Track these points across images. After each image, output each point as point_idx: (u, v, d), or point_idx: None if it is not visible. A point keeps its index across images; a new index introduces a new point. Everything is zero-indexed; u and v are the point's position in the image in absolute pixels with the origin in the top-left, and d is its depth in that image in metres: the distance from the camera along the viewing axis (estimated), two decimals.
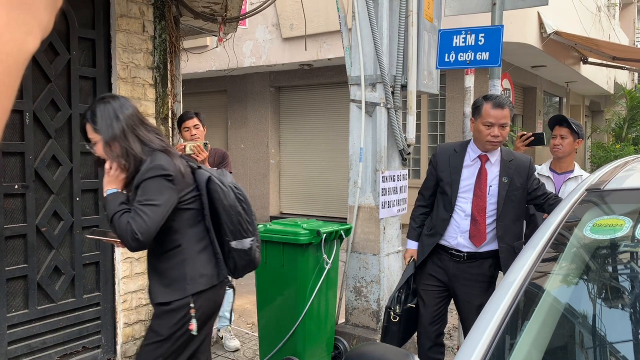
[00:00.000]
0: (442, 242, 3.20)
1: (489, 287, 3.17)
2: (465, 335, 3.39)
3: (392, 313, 3.22)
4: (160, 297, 2.33)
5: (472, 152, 3.15)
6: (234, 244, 2.38)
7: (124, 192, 2.36)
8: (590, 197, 1.77)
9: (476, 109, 3.11)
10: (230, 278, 2.50)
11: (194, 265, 2.33)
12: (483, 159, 3.11)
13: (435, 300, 3.25)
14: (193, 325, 2.28)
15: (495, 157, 3.12)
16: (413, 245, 3.35)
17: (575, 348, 1.39)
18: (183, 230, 2.35)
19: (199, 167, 2.43)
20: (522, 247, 3.12)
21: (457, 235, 3.14)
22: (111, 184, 2.32)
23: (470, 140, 3.20)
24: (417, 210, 3.40)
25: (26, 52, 0.54)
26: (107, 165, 2.32)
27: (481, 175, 3.10)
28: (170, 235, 2.33)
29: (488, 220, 3.09)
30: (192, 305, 2.28)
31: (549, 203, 3.14)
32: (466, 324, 3.30)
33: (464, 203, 3.12)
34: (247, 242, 2.40)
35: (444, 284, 3.23)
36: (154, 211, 2.19)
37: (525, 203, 3.20)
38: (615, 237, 1.56)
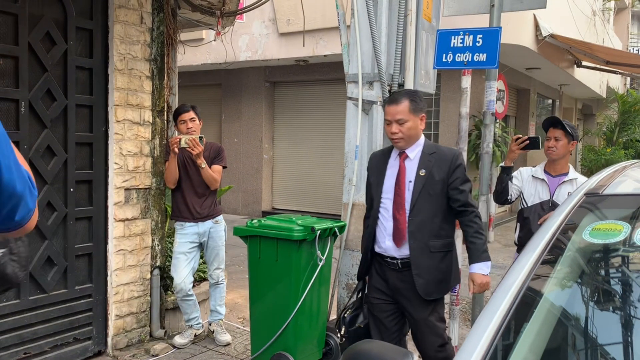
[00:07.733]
0: (378, 250, 3.06)
1: (430, 301, 2.95)
2: (419, 350, 3.11)
3: (339, 335, 3.01)
4: None
5: (394, 153, 3.08)
6: None
7: None
8: (589, 201, 1.78)
9: None
10: None
11: None
12: (402, 156, 3.02)
13: (383, 316, 3.05)
14: None
15: (414, 153, 3.01)
16: None
17: (572, 352, 1.40)
18: None
19: None
20: (441, 247, 2.90)
21: (385, 238, 3.01)
22: None
23: None
24: (364, 223, 3.27)
25: None
26: None
27: (400, 173, 3.00)
28: None
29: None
30: None
31: (464, 228, 2.94)
32: (415, 340, 3.10)
33: (387, 203, 3.01)
34: None
35: (390, 297, 3.03)
36: None
37: (446, 199, 2.97)
38: (613, 241, 1.57)
